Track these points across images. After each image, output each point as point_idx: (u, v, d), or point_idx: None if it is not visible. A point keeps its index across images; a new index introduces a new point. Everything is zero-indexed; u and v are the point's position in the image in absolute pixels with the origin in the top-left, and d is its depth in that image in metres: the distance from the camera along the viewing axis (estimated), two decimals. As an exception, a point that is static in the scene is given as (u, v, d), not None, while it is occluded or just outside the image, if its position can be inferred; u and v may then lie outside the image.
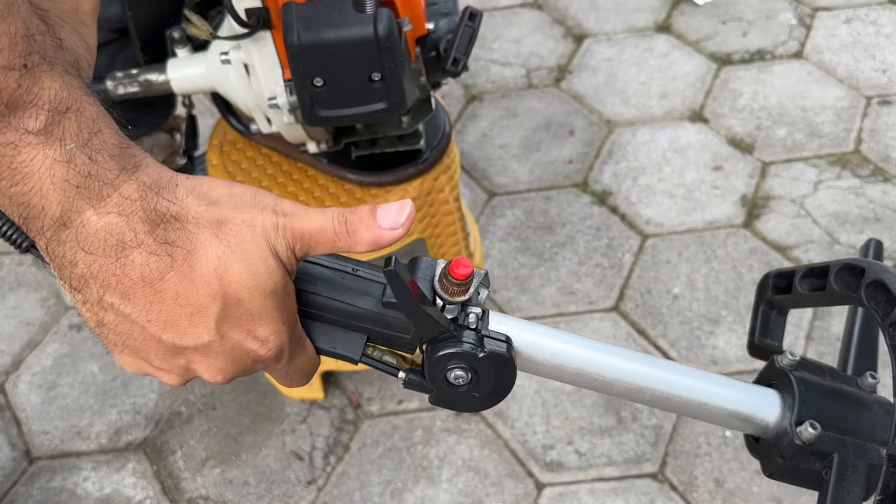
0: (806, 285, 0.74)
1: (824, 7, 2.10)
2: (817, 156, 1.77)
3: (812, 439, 0.61)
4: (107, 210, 0.45)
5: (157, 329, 0.49)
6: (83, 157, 0.45)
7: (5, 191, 0.45)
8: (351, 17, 0.90)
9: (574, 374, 0.61)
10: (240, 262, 0.48)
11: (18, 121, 0.43)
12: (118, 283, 0.47)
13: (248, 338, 0.50)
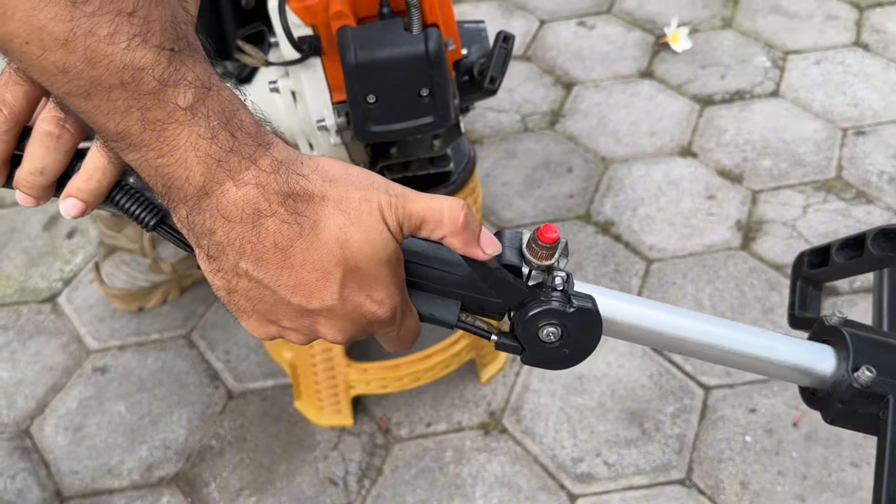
0: (843, 255, 0.81)
1: (795, 50, 2.25)
2: (803, 183, 1.88)
3: (869, 382, 0.67)
4: (245, 181, 0.50)
5: (287, 293, 0.53)
6: (225, 134, 0.49)
7: (152, 161, 0.49)
8: (402, 37, 0.98)
9: (650, 334, 0.67)
10: (359, 233, 0.52)
11: (169, 97, 0.47)
12: (253, 250, 0.51)
13: (366, 301, 0.54)
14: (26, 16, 0.43)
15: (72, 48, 0.44)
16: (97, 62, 0.45)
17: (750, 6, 2.42)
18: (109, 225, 1.57)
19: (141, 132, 0.47)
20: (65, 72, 0.45)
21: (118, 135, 0.48)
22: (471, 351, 1.47)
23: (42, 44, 0.44)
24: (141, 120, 0.47)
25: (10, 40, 0.45)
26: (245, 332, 1.65)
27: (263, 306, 0.54)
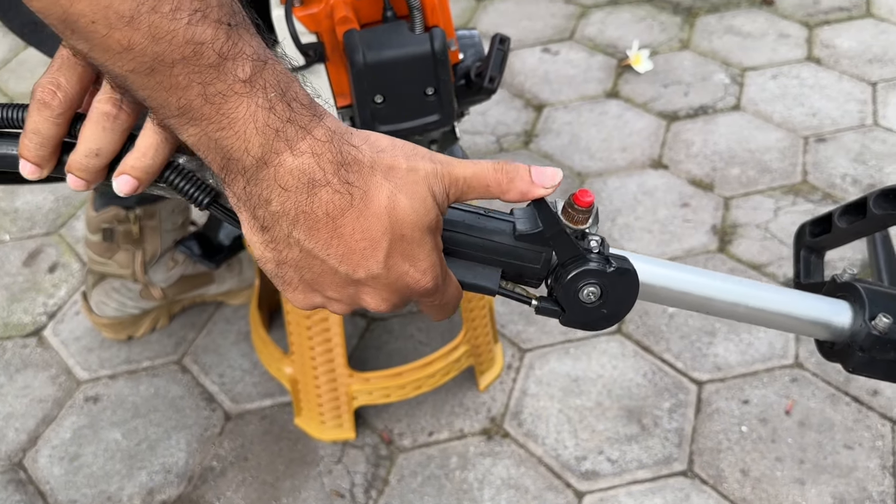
0: (845, 220, 0.86)
1: (751, 67, 2.35)
2: (771, 188, 1.95)
3: (886, 328, 0.71)
4: (301, 150, 0.51)
5: (335, 262, 0.54)
6: (283, 105, 0.50)
7: (212, 135, 0.50)
8: (408, 38, 1.02)
9: (680, 295, 0.70)
10: (406, 200, 0.54)
11: (228, 70, 0.48)
12: (306, 219, 0.52)
13: (410, 269, 0.56)
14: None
15: (136, 25, 0.46)
16: (160, 38, 0.46)
17: (705, 28, 2.53)
18: (100, 251, 1.56)
19: (202, 106, 0.49)
20: (129, 49, 0.47)
21: (179, 110, 0.49)
22: (469, 357, 1.49)
23: (108, 22, 0.46)
24: (202, 94, 0.48)
25: (77, 20, 0.46)
26: (239, 353, 1.65)
27: (311, 276, 0.56)
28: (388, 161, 0.54)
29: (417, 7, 1.03)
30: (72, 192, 2.06)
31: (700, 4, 2.64)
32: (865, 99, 2.19)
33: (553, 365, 1.59)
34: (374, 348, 1.65)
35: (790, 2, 2.61)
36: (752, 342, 1.60)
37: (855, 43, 2.40)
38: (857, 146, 2.04)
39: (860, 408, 1.48)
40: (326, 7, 1.05)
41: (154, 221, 1.53)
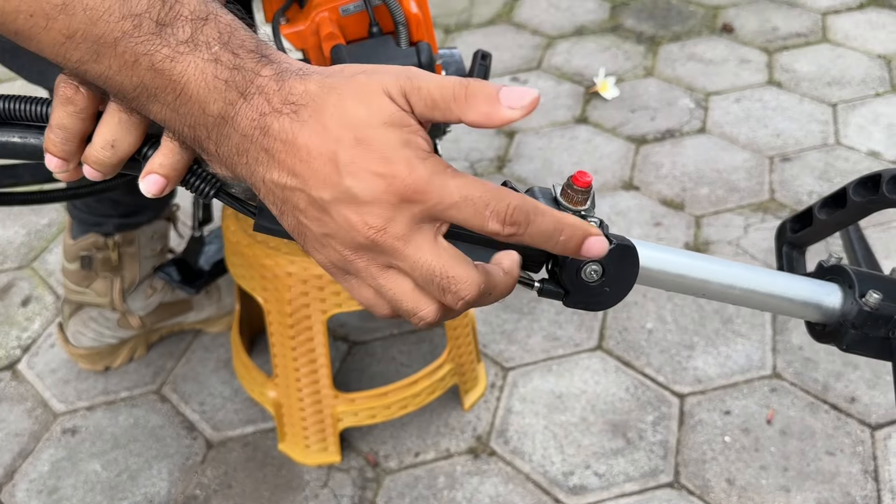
0: (825, 213, 0.88)
1: (715, 92, 2.41)
2: (740, 206, 1.99)
3: (877, 304, 0.74)
4: (251, 93, 0.50)
5: (308, 188, 0.51)
6: (227, 55, 0.50)
7: (171, 106, 0.50)
8: (395, 51, 1.03)
9: (676, 278, 0.72)
10: (353, 103, 0.50)
11: (169, 35, 0.48)
12: (269, 157, 0.51)
13: (379, 168, 0.50)
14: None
15: (71, 10, 0.47)
16: (98, 19, 0.47)
17: (668, 56, 2.59)
18: (77, 280, 1.54)
19: (153, 78, 0.49)
20: (71, 37, 0.48)
21: (135, 89, 0.50)
22: (454, 376, 1.49)
23: (44, 13, 0.47)
24: (150, 67, 0.49)
25: (16, 17, 0.47)
26: (219, 381, 1.63)
27: (304, 216, 0.52)
28: (344, 80, 0.51)
29: (403, 22, 1.05)
30: (43, 226, 2.03)
31: (662, 33, 2.71)
32: (827, 119, 2.26)
33: (536, 382, 1.59)
34: (357, 371, 1.64)
35: (749, 29, 2.70)
36: (731, 354, 1.62)
37: (813, 67, 2.48)
38: (821, 164, 2.09)
39: (839, 415, 1.50)
40: (312, 24, 1.07)
41: (133, 248, 1.52)
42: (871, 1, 2.81)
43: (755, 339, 1.65)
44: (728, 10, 2.82)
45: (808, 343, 1.63)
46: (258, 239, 1.31)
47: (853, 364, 1.59)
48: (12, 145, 0.59)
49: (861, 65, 2.47)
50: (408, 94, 0.51)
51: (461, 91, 0.51)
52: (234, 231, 1.34)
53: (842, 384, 1.55)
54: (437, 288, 0.53)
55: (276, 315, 1.34)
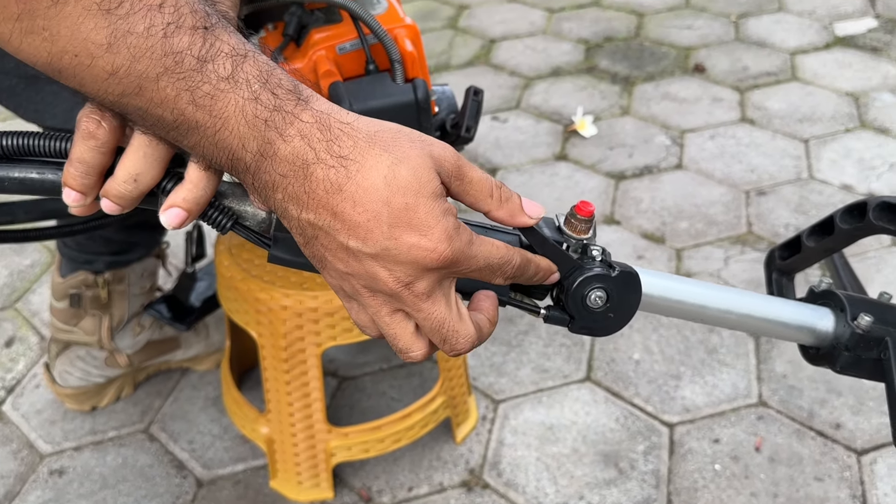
0: (813, 240, 0.91)
1: (690, 129, 2.47)
2: (719, 239, 2.04)
3: (868, 327, 0.77)
4: (290, 136, 0.52)
5: (344, 237, 0.54)
6: (267, 94, 0.52)
7: (210, 139, 0.52)
8: (392, 88, 1.06)
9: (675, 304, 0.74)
10: (406, 170, 0.53)
11: (210, 71, 0.50)
12: (308, 200, 0.53)
13: (421, 239, 0.54)
14: (70, 31, 0.48)
15: (115, 50, 0.48)
16: (140, 57, 0.49)
17: (643, 96, 2.66)
18: (65, 319, 1.54)
19: (194, 112, 0.51)
20: (114, 74, 0.49)
21: (175, 122, 0.51)
22: (447, 409, 1.49)
23: (89, 53, 0.48)
24: (191, 102, 0.50)
25: (61, 58, 0.49)
26: (207, 419, 1.62)
27: (330, 254, 0.56)
28: (389, 136, 0.54)
29: (398, 60, 1.07)
30: (26, 267, 2.02)
31: (636, 74, 2.78)
32: (799, 154, 2.32)
33: (527, 414, 1.60)
34: (347, 407, 1.64)
35: (720, 69, 2.77)
36: (717, 384, 1.65)
37: (784, 104, 2.55)
38: (795, 198, 2.15)
39: (825, 441, 1.53)
40: (310, 62, 1.09)
41: (122, 286, 1.52)
42: (837, 41, 2.91)
43: (740, 368, 1.68)
44: (699, 50, 2.90)
45: (791, 371, 1.66)
46: (253, 273, 1.32)
47: (836, 391, 1.62)
48: (30, 181, 0.60)
49: (830, 102, 2.55)
50: (453, 176, 0.57)
51: (497, 193, 0.60)
52: (228, 266, 1.35)
53: (826, 411, 1.58)
54: (440, 337, 0.59)
55: (270, 349, 1.34)
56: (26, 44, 0.49)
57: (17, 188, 0.60)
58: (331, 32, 1.09)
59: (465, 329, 0.60)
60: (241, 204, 0.61)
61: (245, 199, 0.61)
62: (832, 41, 2.92)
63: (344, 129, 0.53)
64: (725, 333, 1.76)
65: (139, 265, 1.51)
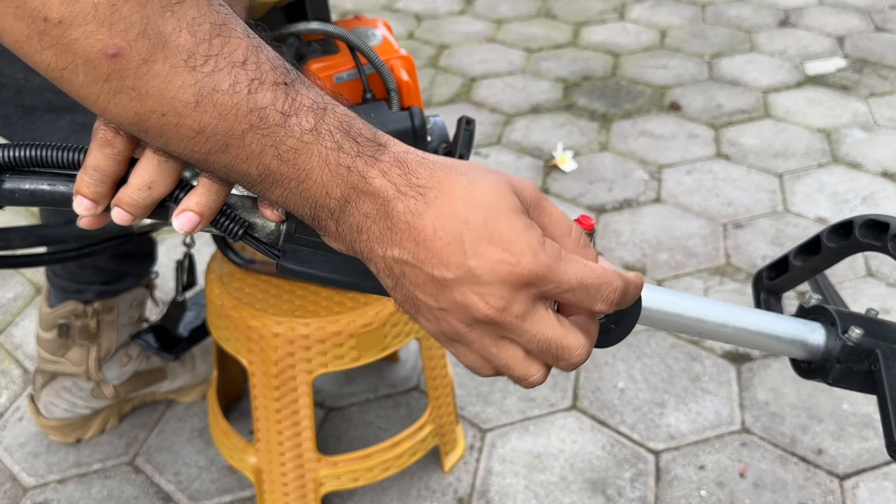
0: (800, 259, 0.95)
1: (667, 164, 2.52)
2: (699, 270, 2.08)
3: (859, 339, 0.79)
4: (373, 177, 0.53)
5: (429, 267, 0.53)
6: (349, 143, 0.53)
7: (295, 190, 0.53)
8: (390, 116, 1.09)
9: (672, 317, 0.77)
10: (483, 189, 0.53)
11: (293, 125, 0.51)
12: (392, 235, 0.54)
13: (505, 254, 0.52)
14: (158, 91, 0.49)
15: (202, 108, 0.49)
16: (227, 114, 0.50)
17: (621, 132, 2.71)
18: (52, 349, 1.53)
19: (279, 166, 0.52)
20: (201, 132, 0.50)
21: (260, 176, 0.53)
22: (435, 437, 1.50)
23: (176, 112, 0.50)
24: (276, 156, 0.52)
25: (148, 117, 0.50)
26: (193, 450, 1.61)
27: (418, 289, 0.55)
28: (467, 165, 0.55)
29: (395, 89, 1.10)
30: (9, 300, 2.01)
31: (614, 111, 2.84)
32: (774, 189, 2.38)
33: (514, 443, 1.61)
34: (334, 437, 1.64)
35: (695, 106, 2.84)
36: (700, 411, 1.67)
37: (758, 140, 2.62)
38: (772, 230, 2.20)
39: (808, 466, 1.55)
40: (307, 91, 1.12)
41: (112, 315, 1.52)
42: (808, 80, 3.00)
43: (723, 395, 1.70)
44: (674, 89, 2.97)
45: (773, 399, 1.69)
46: (244, 301, 1.33)
47: (817, 418, 1.65)
48: (41, 192, 0.60)
49: (803, 138, 2.62)
50: (532, 205, 0.56)
51: (576, 234, 0.58)
52: (220, 294, 1.35)
53: (808, 437, 1.61)
54: (552, 357, 0.57)
55: (260, 377, 1.35)
56: (114, 104, 0.50)
57: (27, 200, 0.61)
58: (328, 63, 1.12)
59: (574, 340, 0.57)
60: (251, 215, 0.62)
61: (255, 210, 0.62)
62: (803, 80, 3.01)
63: (421, 161, 0.54)
64: (707, 362, 1.78)
65: (129, 295, 1.51)
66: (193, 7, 0.49)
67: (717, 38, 3.36)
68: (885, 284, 2.00)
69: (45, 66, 0.49)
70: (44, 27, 0.47)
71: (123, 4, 0.47)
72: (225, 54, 0.50)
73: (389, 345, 1.36)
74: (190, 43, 0.49)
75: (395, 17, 3.63)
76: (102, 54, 0.47)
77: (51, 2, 0.46)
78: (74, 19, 0.47)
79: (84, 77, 0.48)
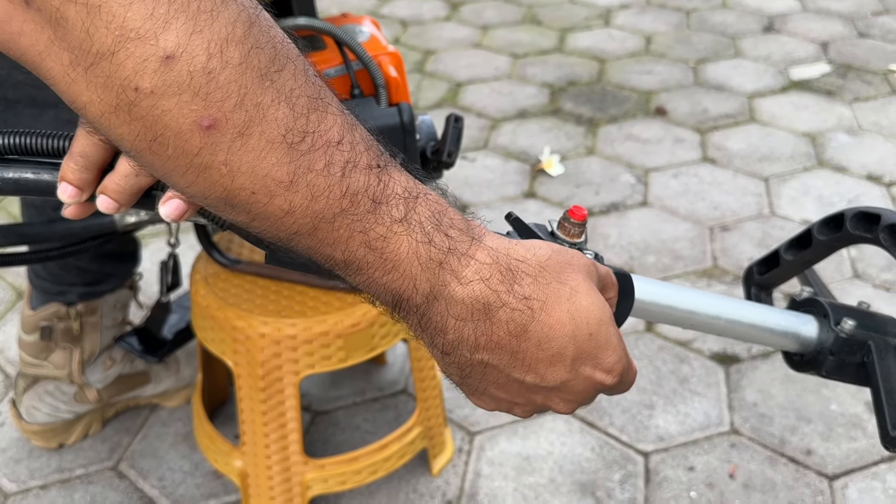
0: (791, 254, 0.94)
1: (654, 168, 2.53)
2: (686, 273, 2.07)
3: (852, 331, 0.79)
4: (468, 279, 0.51)
5: (521, 374, 0.54)
6: (441, 236, 0.50)
7: (379, 280, 0.51)
8: (378, 111, 1.08)
9: (665, 309, 0.76)
10: (586, 299, 0.54)
11: (384, 213, 0.49)
12: (487, 342, 0.53)
13: (596, 370, 0.56)
14: (251, 167, 0.45)
15: (295, 188, 0.46)
16: (319, 196, 0.47)
17: (607, 137, 2.72)
18: (35, 352, 1.51)
19: (365, 254, 0.49)
20: (290, 213, 0.47)
21: (344, 262, 0.50)
22: (423, 439, 1.48)
23: (268, 190, 0.46)
24: (364, 243, 0.49)
25: (237, 194, 0.46)
26: (178, 455, 1.59)
27: (495, 387, 0.56)
28: (557, 266, 0.55)
29: (383, 84, 1.10)
30: (-11, 303, 1.98)
31: (600, 116, 2.85)
32: (760, 192, 2.38)
33: (503, 445, 1.60)
34: (321, 441, 1.63)
35: (681, 111, 2.85)
36: (689, 413, 1.66)
37: (744, 145, 2.63)
38: (758, 233, 2.20)
39: (797, 467, 1.55)
40: (294, 87, 1.11)
41: (95, 318, 1.49)
42: (793, 85, 3.02)
43: (711, 397, 1.70)
44: (660, 94, 2.98)
45: (762, 400, 1.69)
46: (230, 301, 1.31)
47: (806, 418, 1.64)
48: (25, 181, 0.59)
49: (788, 142, 2.64)
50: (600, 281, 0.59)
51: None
52: (205, 294, 1.34)
53: (797, 437, 1.61)
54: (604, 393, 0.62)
55: (246, 378, 1.33)
56: (202, 179, 0.46)
57: (11, 189, 0.59)
58: (315, 58, 1.11)
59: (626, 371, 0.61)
60: None
61: None
62: (788, 85, 3.02)
63: (521, 266, 0.53)
64: (696, 363, 1.78)
65: (112, 296, 1.49)
66: (291, 77, 0.46)
67: (702, 44, 3.38)
68: (871, 286, 2.00)
69: (131, 139, 0.45)
70: (134, 98, 0.43)
71: (220, 72, 0.43)
72: (321, 132, 0.47)
73: (377, 345, 1.35)
74: (288, 118, 0.45)
75: (381, 22, 3.63)
76: (196, 126, 0.44)
77: (143, 71, 0.42)
78: (168, 89, 0.43)
79: (173, 150, 0.45)
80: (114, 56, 0.42)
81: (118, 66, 0.42)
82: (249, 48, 0.44)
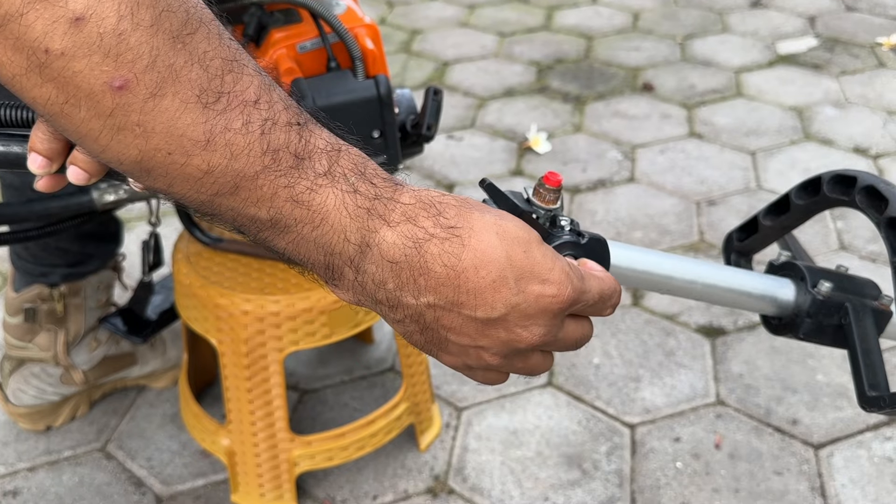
0: (770, 219, 0.94)
1: (640, 144, 2.52)
2: (673, 247, 2.08)
3: (829, 293, 0.79)
4: (396, 220, 0.52)
5: (470, 309, 0.53)
6: (366, 185, 0.51)
7: (308, 236, 0.51)
8: (354, 83, 1.07)
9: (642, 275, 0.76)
10: (511, 223, 0.55)
11: (307, 168, 0.49)
12: (426, 280, 0.52)
13: (545, 286, 0.54)
14: (166, 127, 0.46)
15: (213, 147, 0.47)
16: (238, 154, 0.47)
17: (594, 113, 2.71)
18: (19, 334, 1.50)
19: (292, 210, 0.50)
20: (210, 172, 0.47)
21: (270, 221, 0.50)
22: (410, 415, 1.49)
23: (185, 150, 0.46)
24: (290, 198, 0.49)
25: (153, 155, 0.46)
26: (165, 435, 1.59)
27: (455, 333, 0.55)
28: (474, 201, 0.56)
29: (359, 57, 1.09)
30: (-25, 288, 1.97)
31: (587, 93, 2.84)
32: (747, 166, 2.38)
33: (490, 420, 1.60)
34: (310, 419, 1.63)
35: (668, 87, 2.85)
36: (675, 385, 1.67)
37: (731, 119, 2.62)
38: (745, 206, 2.20)
39: (783, 437, 1.55)
40: (271, 60, 1.10)
41: (79, 299, 1.49)
42: (780, 59, 3.01)
43: (697, 369, 1.71)
44: (647, 70, 2.97)
45: (747, 371, 1.69)
46: (212, 280, 1.31)
47: (792, 389, 1.65)
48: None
49: (775, 116, 2.63)
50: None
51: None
52: (187, 273, 1.33)
53: (783, 408, 1.61)
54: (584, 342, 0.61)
55: (231, 356, 1.33)
56: (116, 141, 0.46)
57: None
58: (291, 31, 1.10)
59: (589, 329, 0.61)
60: None
61: None
62: (775, 59, 3.02)
63: (444, 200, 0.54)
64: (682, 336, 1.79)
65: (95, 277, 1.49)
66: (205, 40, 0.46)
67: (689, 20, 3.37)
68: (857, 257, 2.01)
69: (43, 101, 0.45)
70: (44, 59, 0.43)
71: (131, 34, 0.44)
72: (237, 92, 0.47)
73: (361, 321, 1.35)
74: (202, 78, 0.46)
75: (366, 2, 3.61)
76: (107, 87, 0.44)
77: (53, 32, 0.42)
78: (78, 50, 0.43)
79: (86, 112, 0.45)
80: (22, 17, 0.42)
81: (27, 27, 0.42)
82: (161, 10, 0.45)
